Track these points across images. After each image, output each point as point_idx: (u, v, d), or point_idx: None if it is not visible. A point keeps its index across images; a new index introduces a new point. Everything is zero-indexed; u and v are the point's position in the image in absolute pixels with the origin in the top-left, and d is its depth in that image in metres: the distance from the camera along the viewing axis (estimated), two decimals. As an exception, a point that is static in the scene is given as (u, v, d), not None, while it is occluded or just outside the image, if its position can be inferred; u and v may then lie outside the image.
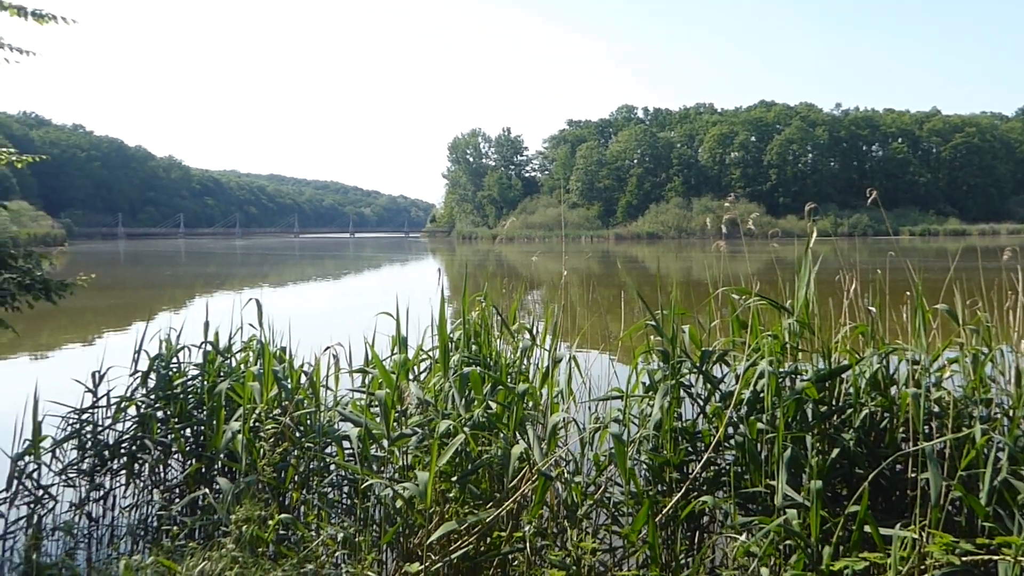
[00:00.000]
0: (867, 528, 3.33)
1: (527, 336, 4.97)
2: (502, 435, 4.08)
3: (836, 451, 3.84)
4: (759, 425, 3.94)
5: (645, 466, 4.30)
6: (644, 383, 4.63)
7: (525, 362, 4.90)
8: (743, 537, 3.58)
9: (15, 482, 4.78)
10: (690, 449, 4.31)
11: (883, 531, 3.30)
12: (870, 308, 4.54)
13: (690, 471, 4.22)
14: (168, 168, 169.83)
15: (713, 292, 4.84)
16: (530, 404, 4.45)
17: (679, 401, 4.33)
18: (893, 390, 4.20)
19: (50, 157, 8.16)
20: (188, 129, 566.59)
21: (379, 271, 44.73)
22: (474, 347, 4.87)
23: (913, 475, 3.73)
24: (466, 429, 3.93)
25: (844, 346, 4.45)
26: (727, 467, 4.20)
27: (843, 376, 4.24)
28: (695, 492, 4.04)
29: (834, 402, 4.25)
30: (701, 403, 4.40)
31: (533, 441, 3.87)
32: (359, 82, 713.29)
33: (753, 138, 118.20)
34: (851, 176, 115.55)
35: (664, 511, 3.88)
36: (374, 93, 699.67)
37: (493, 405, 4.29)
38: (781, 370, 4.12)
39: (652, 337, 4.63)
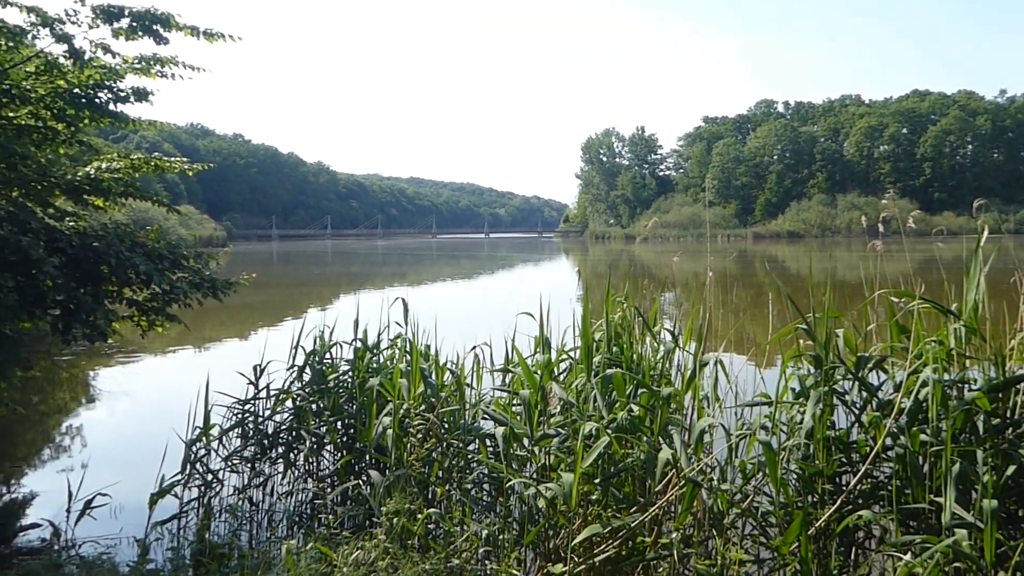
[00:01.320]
0: (1050, 554, 3.05)
1: (668, 338, 4.88)
2: (645, 439, 4.03)
3: (1012, 468, 3.54)
4: (922, 437, 3.68)
5: (795, 476, 4.12)
6: (793, 389, 4.44)
7: (667, 365, 4.81)
8: (907, 557, 3.37)
9: (188, 466, 5.18)
10: (844, 460, 4.09)
11: (1069, 558, 3.02)
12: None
13: (844, 483, 4.01)
14: (317, 173, 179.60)
15: (870, 295, 4.57)
16: (672, 408, 4.36)
17: (832, 409, 4.12)
18: (1079, 403, 3.82)
19: (215, 165, 8.85)
20: (336, 135, 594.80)
21: (512, 271, 45.28)
22: (615, 349, 4.83)
23: (1104, 498, 3.39)
24: (609, 431, 3.91)
25: (1020, 354, 4.09)
26: (885, 480, 3.96)
27: (1019, 387, 3.90)
28: (849, 505, 3.83)
29: (1008, 415, 3.91)
30: (856, 412, 4.17)
31: (679, 446, 3.80)
32: (496, 85, 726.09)
33: (905, 130, 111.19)
34: (1017, 168, 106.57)
35: (817, 524, 3.71)
36: (509, 95, 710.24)
37: (636, 408, 4.25)
38: (947, 378, 3.84)
39: (802, 341, 4.43)
